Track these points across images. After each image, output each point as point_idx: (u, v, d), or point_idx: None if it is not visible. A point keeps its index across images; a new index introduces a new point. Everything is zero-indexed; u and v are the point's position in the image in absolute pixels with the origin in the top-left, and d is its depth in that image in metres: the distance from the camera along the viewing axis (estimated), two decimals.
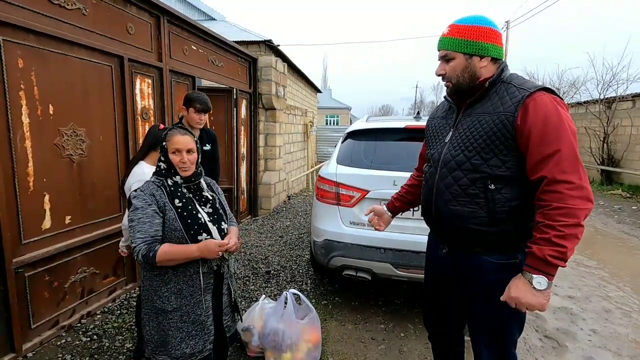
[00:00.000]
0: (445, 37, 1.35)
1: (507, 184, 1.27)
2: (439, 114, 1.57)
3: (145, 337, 1.56)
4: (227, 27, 8.08)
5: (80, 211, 2.67)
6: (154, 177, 1.54)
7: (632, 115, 9.52)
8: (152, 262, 1.39)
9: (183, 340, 1.50)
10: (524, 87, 1.26)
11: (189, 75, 3.96)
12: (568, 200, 1.13)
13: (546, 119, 1.19)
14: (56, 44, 2.40)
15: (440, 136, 1.49)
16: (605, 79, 10.39)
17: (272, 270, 3.76)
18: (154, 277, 1.48)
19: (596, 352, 2.55)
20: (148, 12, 3.24)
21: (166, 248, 1.41)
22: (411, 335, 2.66)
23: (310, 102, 13.16)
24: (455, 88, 1.38)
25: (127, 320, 2.74)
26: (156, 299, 1.48)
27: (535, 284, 1.16)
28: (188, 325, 1.50)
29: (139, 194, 1.45)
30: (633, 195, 8.48)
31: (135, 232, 1.40)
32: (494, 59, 1.33)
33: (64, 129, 2.50)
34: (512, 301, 1.22)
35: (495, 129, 1.26)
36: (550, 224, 1.14)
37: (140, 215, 1.41)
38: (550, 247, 1.13)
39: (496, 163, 1.27)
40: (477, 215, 1.31)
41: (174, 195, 1.49)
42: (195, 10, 10.37)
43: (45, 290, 2.46)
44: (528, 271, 1.19)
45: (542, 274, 1.16)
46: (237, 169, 5.54)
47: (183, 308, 1.49)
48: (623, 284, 3.72)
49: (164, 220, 1.45)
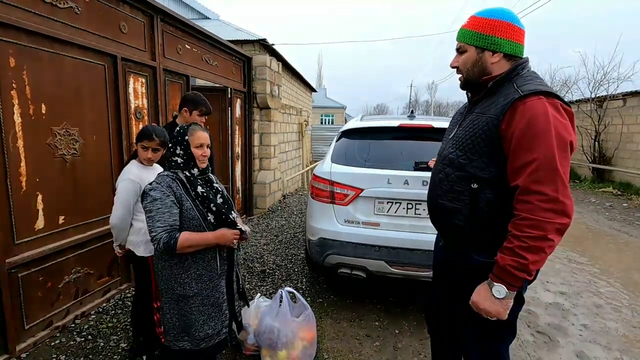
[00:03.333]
0: (463, 28, 1.34)
1: (489, 186, 1.26)
2: (460, 110, 1.56)
3: (166, 325, 1.63)
4: (221, 26, 8.04)
5: (73, 211, 2.66)
6: (167, 172, 1.60)
7: (622, 113, 9.64)
8: (173, 249, 1.46)
9: (205, 322, 1.61)
10: (520, 89, 1.20)
11: (183, 75, 3.94)
12: (538, 212, 1.09)
13: (529, 126, 1.13)
14: (48, 43, 2.38)
15: (450, 131, 1.50)
16: (597, 78, 10.51)
17: (267, 269, 3.77)
18: (173, 265, 1.56)
19: (587, 346, 2.60)
20: (141, 11, 3.22)
21: (186, 235, 1.49)
22: (405, 332, 2.68)
23: (305, 101, 13.16)
24: (465, 82, 1.38)
25: (122, 320, 2.73)
26: (177, 287, 1.57)
27: (494, 292, 1.17)
28: (208, 307, 1.61)
29: (156, 186, 1.52)
30: (624, 193, 8.60)
31: (154, 222, 1.47)
32: (509, 55, 1.28)
33: (57, 129, 2.48)
34: (473, 305, 1.25)
35: (481, 131, 1.25)
36: (516, 234, 1.12)
37: (159, 206, 1.48)
38: (512, 257, 1.12)
39: (480, 165, 1.26)
40: (461, 212, 1.32)
41: (194, 185, 1.58)
42: (189, 9, 10.30)
43: (39, 290, 2.45)
44: (491, 278, 1.19)
45: (502, 283, 1.16)
46: (232, 169, 5.53)
47: (203, 292, 1.59)
48: (613, 279, 3.78)
49: (181, 211, 1.53)
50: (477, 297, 1.23)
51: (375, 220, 2.65)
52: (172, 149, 1.62)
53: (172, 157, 1.62)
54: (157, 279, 1.63)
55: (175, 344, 1.61)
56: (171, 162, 1.62)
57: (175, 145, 1.61)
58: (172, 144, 1.63)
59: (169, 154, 1.63)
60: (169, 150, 1.65)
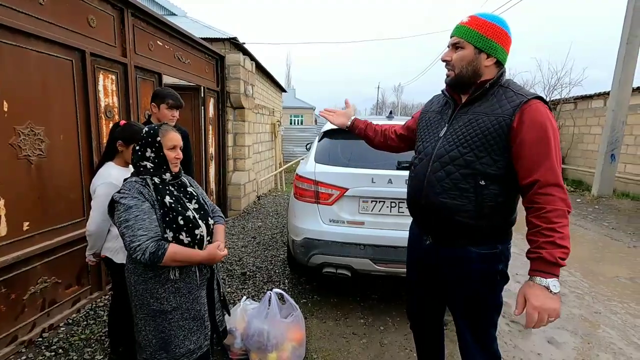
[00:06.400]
0: (463, 25, 1.36)
1: (496, 182, 1.33)
2: (434, 108, 1.59)
3: (141, 343, 1.49)
4: (190, 23, 7.76)
5: (39, 216, 2.47)
6: (134, 177, 1.46)
7: (574, 116, 10.41)
8: (159, 261, 1.34)
9: (186, 337, 1.49)
10: (521, 93, 1.32)
11: (155, 72, 3.78)
12: (559, 202, 1.21)
13: (541, 127, 1.25)
14: (11, 36, 2.20)
15: (434, 130, 1.51)
16: (551, 83, 11.29)
17: (247, 272, 3.70)
18: (147, 280, 1.43)
19: (556, 332, 2.78)
20: (111, 4, 3.06)
21: (175, 248, 1.38)
22: (390, 328, 2.74)
23: (276, 101, 13.03)
24: (456, 79, 1.40)
25: (96, 331, 2.57)
26: (153, 302, 1.44)
27: (552, 287, 1.17)
28: (189, 321, 1.50)
29: (126, 194, 1.38)
30: (576, 189, 9.27)
31: (135, 230, 1.33)
32: (499, 62, 1.37)
33: (21, 128, 2.30)
34: (536, 311, 1.18)
35: (491, 129, 1.31)
36: (551, 227, 1.19)
37: (137, 213, 1.35)
38: (558, 249, 1.17)
39: (488, 162, 1.32)
40: (465, 209, 1.36)
41: (162, 193, 1.44)
42: (154, 4, 9.88)
43: (2, 303, 2.25)
44: (541, 277, 1.19)
45: (555, 277, 1.19)
46: (205, 170, 5.38)
47: (183, 306, 1.48)
48: (574, 269, 4.07)
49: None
50: (537, 300, 1.18)
51: (360, 219, 2.68)
52: (141, 152, 1.46)
53: (140, 162, 1.46)
54: (130, 294, 1.49)
55: None
56: (139, 167, 1.46)
57: (144, 148, 1.45)
58: (140, 146, 1.47)
59: (137, 158, 1.47)
60: (136, 153, 1.48)
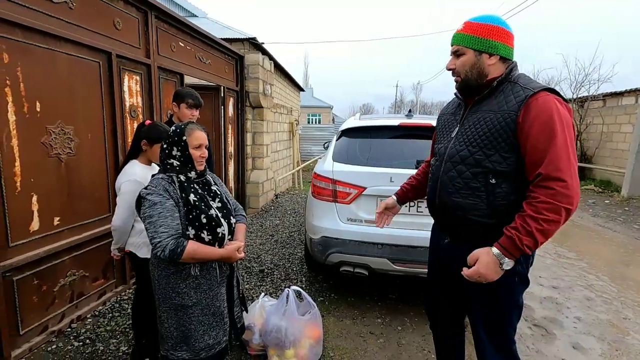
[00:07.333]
0: (459, 33, 1.40)
1: (507, 179, 1.32)
2: (449, 110, 1.62)
3: (163, 334, 1.55)
4: (210, 24, 7.91)
5: (69, 212, 2.58)
6: (161, 175, 1.51)
7: (603, 114, 9.98)
8: (178, 258, 1.37)
9: (205, 332, 1.53)
10: (528, 87, 1.30)
11: (177, 73, 3.88)
12: (558, 197, 1.17)
13: (546, 118, 1.22)
14: (43, 39, 2.30)
15: (447, 131, 1.54)
16: (578, 79, 10.86)
17: (265, 269, 3.75)
18: (170, 275, 1.47)
19: (582, 338, 2.68)
20: (135, 7, 3.15)
21: (194, 246, 1.41)
22: (408, 328, 2.71)
23: (294, 100, 13.10)
24: (463, 83, 1.43)
25: (121, 323, 2.67)
26: (174, 296, 1.49)
27: (505, 265, 1.25)
28: (209, 317, 1.54)
29: (152, 190, 1.43)
30: (604, 190, 8.90)
31: (157, 227, 1.37)
32: (503, 58, 1.38)
33: (52, 127, 2.40)
34: (478, 275, 1.28)
35: (498, 126, 1.31)
36: (534, 216, 1.19)
37: (161, 210, 1.39)
38: (530, 238, 1.20)
39: (498, 159, 1.32)
40: (478, 208, 1.36)
41: (187, 191, 1.48)
42: (176, 6, 10.12)
43: (34, 294, 2.37)
44: (502, 252, 1.25)
45: (513, 259, 1.25)
46: (225, 168, 5.47)
47: (203, 301, 1.52)
48: (601, 273, 3.91)
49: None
50: (485, 269, 1.27)
51: None
52: (168, 151, 1.50)
53: (167, 160, 1.50)
54: (154, 287, 1.54)
55: (172, 354, 1.54)
56: (166, 165, 1.51)
57: (171, 146, 1.50)
58: (167, 144, 1.51)
59: (164, 156, 1.52)
60: (163, 152, 1.53)
